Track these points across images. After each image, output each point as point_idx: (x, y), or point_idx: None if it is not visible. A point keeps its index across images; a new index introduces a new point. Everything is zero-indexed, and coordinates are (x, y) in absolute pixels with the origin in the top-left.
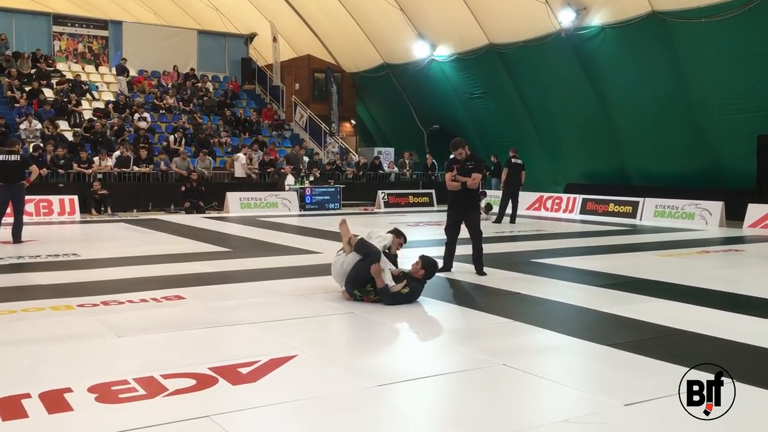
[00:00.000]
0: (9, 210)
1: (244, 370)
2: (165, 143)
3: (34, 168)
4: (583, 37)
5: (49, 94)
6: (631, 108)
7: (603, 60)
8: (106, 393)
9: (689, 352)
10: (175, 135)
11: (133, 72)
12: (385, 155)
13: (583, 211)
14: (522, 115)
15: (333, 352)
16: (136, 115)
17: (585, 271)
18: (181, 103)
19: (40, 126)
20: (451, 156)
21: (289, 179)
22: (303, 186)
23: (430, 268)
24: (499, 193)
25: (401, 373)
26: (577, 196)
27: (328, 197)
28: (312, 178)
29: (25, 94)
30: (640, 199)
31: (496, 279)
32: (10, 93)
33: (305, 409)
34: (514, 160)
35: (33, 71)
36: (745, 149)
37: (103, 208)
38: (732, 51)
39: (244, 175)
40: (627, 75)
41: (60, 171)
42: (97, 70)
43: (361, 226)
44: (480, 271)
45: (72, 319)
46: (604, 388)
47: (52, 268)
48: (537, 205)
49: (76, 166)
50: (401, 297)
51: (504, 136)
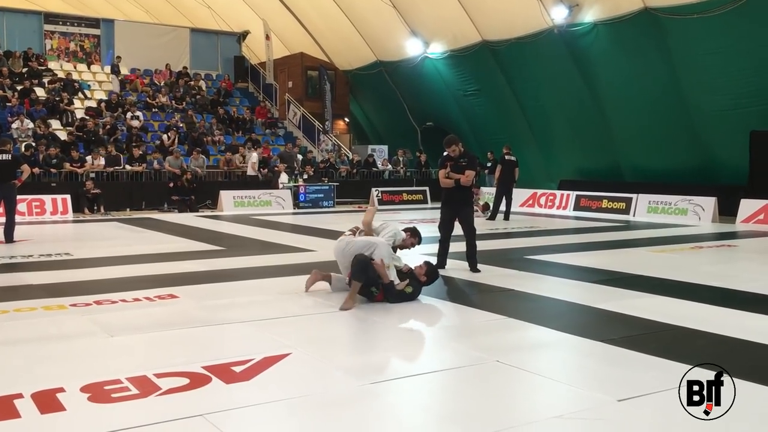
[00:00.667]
0: (1, 210)
1: (238, 369)
2: (158, 142)
3: (25, 167)
4: (575, 34)
5: (40, 93)
6: (624, 104)
7: (596, 56)
8: (99, 393)
9: (682, 348)
10: (168, 134)
11: (125, 70)
12: (379, 153)
13: (576, 207)
14: (515, 112)
15: (327, 350)
16: (129, 114)
17: (579, 268)
18: (173, 101)
19: (32, 125)
20: (445, 153)
21: (283, 177)
22: (297, 184)
23: (432, 276)
24: (494, 189)
25: (395, 370)
26: (570, 192)
27: (322, 195)
28: (306, 176)
29: (16, 94)
30: (634, 195)
31: (490, 276)
32: (1, 92)
33: (299, 408)
34: (507, 157)
35: (24, 70)
36: (737, 145)
37: (96, 208)
38: (724, 47)
39: (255, 173)
40: (620, 71)
41: (52, 170)
42: (89, 68)
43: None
44: (474, 268)
45: (65, 318)
46: (598, 384)
47: (45, 268)
48: (531, 201)
49: (68, 165)
50: (406, 296)
51: (497, 133)
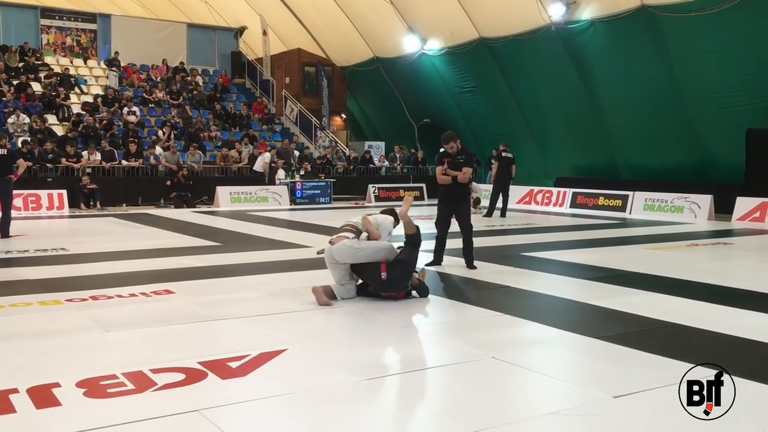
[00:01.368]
0: None
1: (234, 365)
2: (154, 137)
3: (21, 162)
4: (573, 31)
5: (37, 87)
6: (620, 102)
7: (593, 54)
8: (94, 388)
9: (678, 345)
10: (163, 129)
11: (122, 65)
12: (376, 149)
13: (573, 204)
14: (512, 109)
15: (323, 345)
16: (125, 109)
17: (575, 264)
18: (170, 96)
19: (28, 120)
20: (442, 150)
21: (280, 173)
22: (293, 180)
23: (422, 291)
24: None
25: (391, 366)
26: (567, 189)
27: (318, 191)
28: (303, 172)
29: (12, 88)
30: (630, 193)
31: (487, 272)
32: None
33: (295, 403)
34: (504, 154)
35: (20, 65)
36: (734, 143)
37: (92, 203)
38: (721, 45)
39: (262, 170)
40: (617, 69)
41: (48, 165)
42: (85, 63)
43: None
44: (470, 265)
45: (60, 313)
46: (594, 381)
47: (41, 263)
48: (527, 198)
49: (64, 160)
50: (396, 282)
51: (494, 130)
